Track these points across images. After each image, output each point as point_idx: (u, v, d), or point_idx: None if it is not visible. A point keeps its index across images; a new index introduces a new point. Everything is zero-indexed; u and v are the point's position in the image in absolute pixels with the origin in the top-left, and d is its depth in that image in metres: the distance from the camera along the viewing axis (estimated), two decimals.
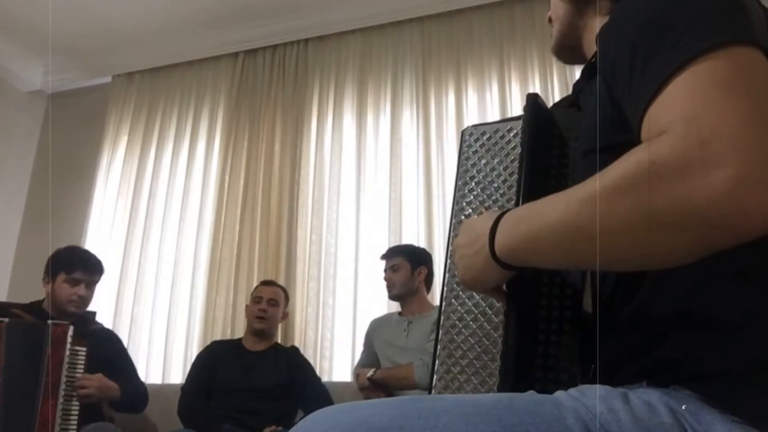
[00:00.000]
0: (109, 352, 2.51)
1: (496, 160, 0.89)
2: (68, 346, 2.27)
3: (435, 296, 3.00)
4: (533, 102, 0.86)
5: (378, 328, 2.86)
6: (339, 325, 3.24)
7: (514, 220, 0.70)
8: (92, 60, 4.26)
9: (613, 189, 0.57)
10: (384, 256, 2.88)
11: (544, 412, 0.60)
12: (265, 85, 3.83)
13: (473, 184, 0.91)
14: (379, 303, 3.12)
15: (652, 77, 0.60)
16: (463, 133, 0.96)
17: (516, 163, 0.86)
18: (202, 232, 3.64)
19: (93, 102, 4.28)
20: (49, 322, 2.30)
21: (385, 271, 2.84)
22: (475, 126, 0.95)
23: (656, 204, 0.53)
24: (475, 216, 0.87)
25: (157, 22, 3.91)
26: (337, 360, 3.19)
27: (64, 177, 4.17)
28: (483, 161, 0.91)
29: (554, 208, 0.64)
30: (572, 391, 0.65)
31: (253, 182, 3.64)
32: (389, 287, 2.81)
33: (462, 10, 3.54)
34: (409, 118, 3.47)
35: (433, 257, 2.98)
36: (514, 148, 0.88)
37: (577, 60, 1.00)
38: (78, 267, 2.51)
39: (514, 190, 0.85)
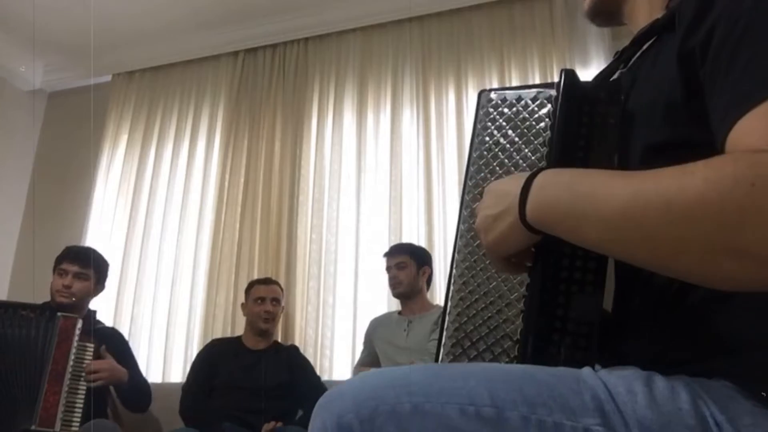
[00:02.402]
0: (114, 349, 2.52)
1: (517, 133, 0.80)
2: (76, 339, 2.29)
3: (435, 296, 3.01)
4: (570, 76, 0.75)
5: (378, 327, 2.86)
6: (339, 323, 3.24)
7: (552, 186, 0.64)
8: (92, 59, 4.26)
9: (697, 198, 0.50)
10: (388, 254, 2.88)
11: (563, 386, 0.60)
12: (265, 84, 3.83)
13: (489, 157, 0.81)
14: (379, 302, 3.13)
15: (754, 85, 0.54)
16: (480, 96, 0.85)
17: (540, 140, 0.77)
18: (202, 231, 3.64)
19: (93, 101, 4.28)
20: (59, 314, 2.31)
21: (389, 269, 2.83)
22: (494, 90, 0.84)
23: (741, 230, 0.48)
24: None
25: (157, 21, 3.91)
26: (337, 359, 3.19)
27: (64, 177, 4.17)
28: (501, 132, 0.81)
29: (613, 194, 0.56)
30: (601, 370, 0.65)
31: (253, 181, 3.64)
32: (395, 285, 2.80)
33: (462, 9, 3.53)
34: (409, 117, 3.47)
35: (433, 257, 2.98)
36: (538, 121, 0.78)
37: (613, 23, 0.92)
38: (64, 258, 2.56)
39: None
